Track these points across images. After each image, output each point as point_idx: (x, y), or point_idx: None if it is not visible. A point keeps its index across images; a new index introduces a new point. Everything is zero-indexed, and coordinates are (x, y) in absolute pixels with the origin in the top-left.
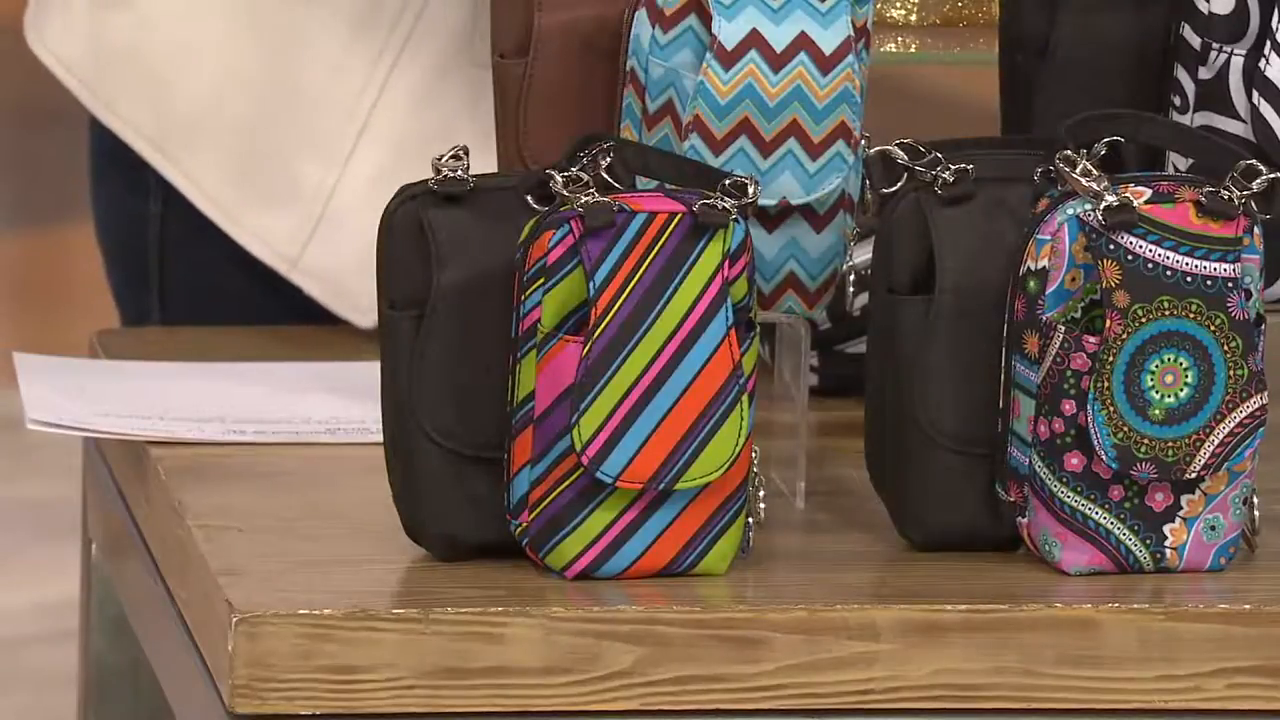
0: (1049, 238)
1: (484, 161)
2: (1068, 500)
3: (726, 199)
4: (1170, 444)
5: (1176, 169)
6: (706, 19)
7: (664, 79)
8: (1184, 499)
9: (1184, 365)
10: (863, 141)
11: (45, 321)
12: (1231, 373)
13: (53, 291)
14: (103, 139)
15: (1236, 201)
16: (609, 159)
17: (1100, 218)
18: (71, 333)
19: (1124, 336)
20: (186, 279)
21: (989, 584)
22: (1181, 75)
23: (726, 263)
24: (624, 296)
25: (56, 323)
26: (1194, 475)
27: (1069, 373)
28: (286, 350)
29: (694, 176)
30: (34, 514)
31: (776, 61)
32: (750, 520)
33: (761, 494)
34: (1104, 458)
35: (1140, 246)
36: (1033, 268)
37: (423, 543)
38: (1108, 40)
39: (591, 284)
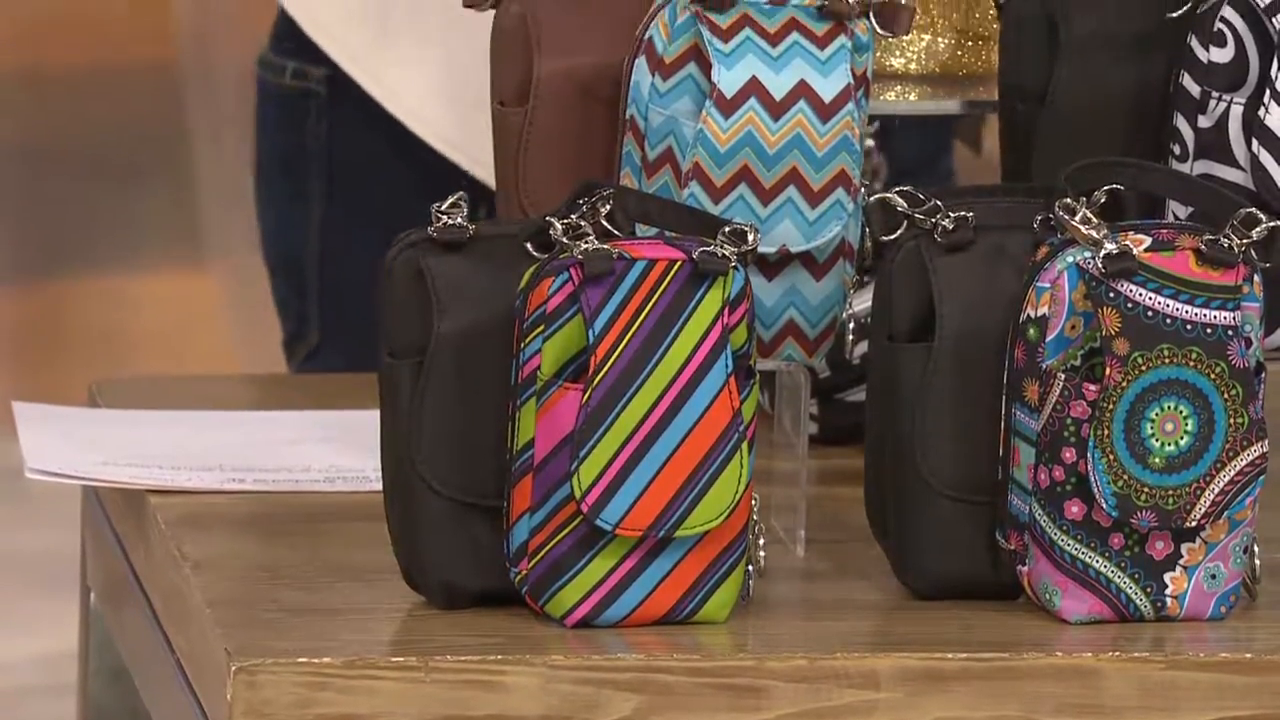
0: (1049, 285)
1: None
2: (1068, 548)
3: (726, 246)
4: (1170, 492)
5: (1176, 217)
6: (706, 67)
7: (663, 127)
8: (1184, 547)
9: (1184, 413)
10: (862, 189)
11: (44, 373)
12: (1232, 421)
13: (51, 342)
14: (272, 146)
15: (1236, 249)
16: (609, 206)
17: (1100, 265)
18: (70, 384)
19: (1124, 384)
20: (342, 286)
21: (989, 632)
22: (1181, 124)
23: (726, 310)
24: (623, 344)
25: (55, 374)
26: (1194, 523)
27: (1069, 420)
28: (286, 399)
29: (694, 224)
30: (33, 565)
31: (776, 109)
32: (750, 568)
33: (761, 541)
34: (1104, 506)
35: (1140, 294)
36: (1033, 315)
37: (422, 590)
38: (1107, 89)
39: (591, 331)
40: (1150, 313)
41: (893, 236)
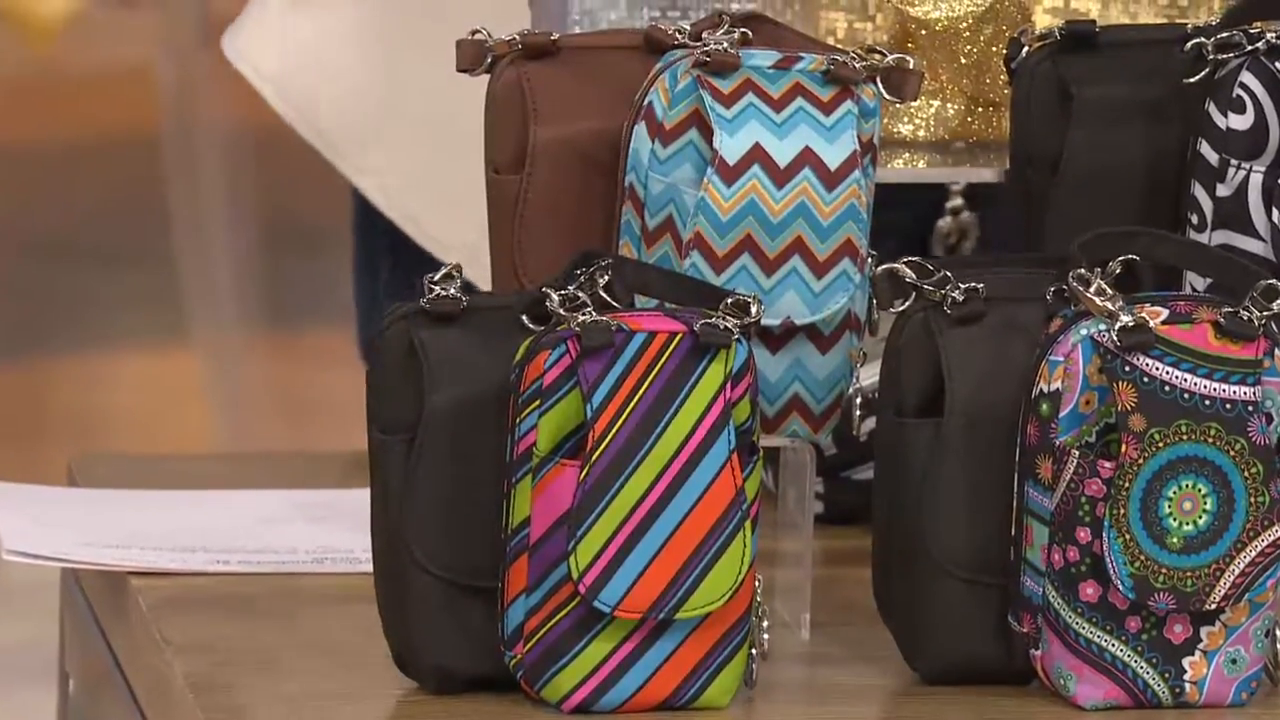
0: (1062, 359)
1: None
2: (1083, 631)
3: (728, 318)
4: (1189, 574)
5: (1194, 288)
6: (708, 133)
7: (664, 195)
8: (1204, 631)
9: (1203, 492)
10: (869, 259)
11: (22, 452)
12: (1252, 500)
13: (30, 421)
14: (363, 227)
15: (1256, 322)
16: (607, 277)
17: (1115, 338)
18: (49, 463)
19: (1140, 462)
20: None
21: (1001, 718)
22: (1199, 192)
23: (728, 384)
24: (622, 419)
25: (34, 453)
26: (1214, 606)
27: (1083, 499)
28: (273, 478)
29: (695, 295)
30: (9, 657)
31: (780, 177)
32: (753, 652)
33: (765, 624)
34: (1120, 587)
35: (1157, 368)
36: (1045, 390)
37: (414, 675)
38: (1122, 156)
39: (589, 406)
40: (1167, 387)
41: (901, 308)
